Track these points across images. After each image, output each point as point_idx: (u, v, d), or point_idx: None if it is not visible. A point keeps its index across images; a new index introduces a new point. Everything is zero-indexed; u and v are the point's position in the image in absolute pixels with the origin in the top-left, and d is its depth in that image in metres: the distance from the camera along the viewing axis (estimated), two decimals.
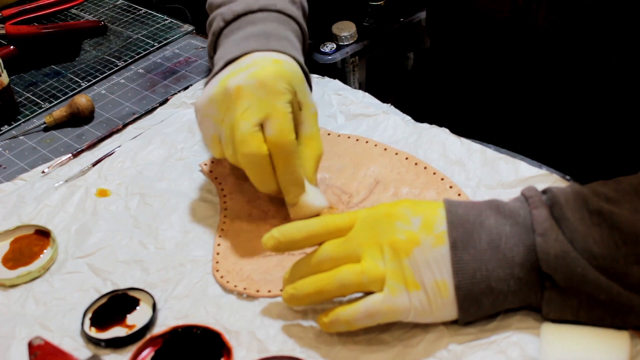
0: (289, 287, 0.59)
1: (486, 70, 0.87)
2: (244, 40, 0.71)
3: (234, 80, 0.66)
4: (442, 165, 0.73)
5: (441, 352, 0.56)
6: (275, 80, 0.65)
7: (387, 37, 1.62)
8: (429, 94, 1.00)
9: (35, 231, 0.71)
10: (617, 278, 0.54)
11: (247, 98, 0.65)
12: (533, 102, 0.85)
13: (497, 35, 0.83)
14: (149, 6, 1.15)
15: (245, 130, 0.64)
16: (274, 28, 0.73)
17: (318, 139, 0.69)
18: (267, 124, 0.64)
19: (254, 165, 0.65)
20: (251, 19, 0.74)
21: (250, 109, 0.64)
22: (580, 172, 0.71)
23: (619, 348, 0.54)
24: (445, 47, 0.94)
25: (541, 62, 0.81)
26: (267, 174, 0.65)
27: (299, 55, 0.72)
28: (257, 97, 0.65)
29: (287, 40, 0.72)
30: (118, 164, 0.79)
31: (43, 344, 0.59)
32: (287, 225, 0.60)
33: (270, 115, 0.64)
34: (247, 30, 0.73)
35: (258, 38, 0.71)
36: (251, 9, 0.74)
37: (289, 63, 0.68)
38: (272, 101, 0.65)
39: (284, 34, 0.73)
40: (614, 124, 0.82)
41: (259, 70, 0.66)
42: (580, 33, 0.76)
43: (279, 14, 0.75)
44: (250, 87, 0.65)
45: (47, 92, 0.96)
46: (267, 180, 0.66)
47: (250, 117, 0.64)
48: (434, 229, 0.57)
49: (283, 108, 0.65)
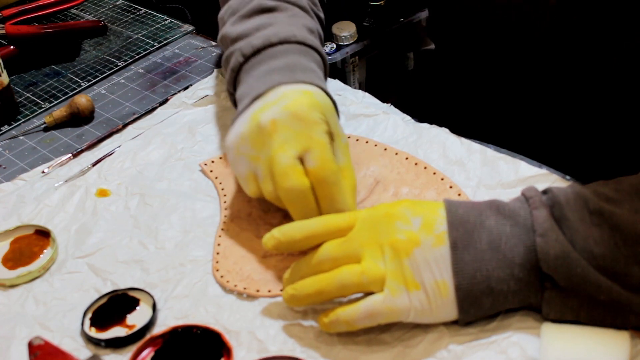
0: (289, 288, 0.59)
1: (487, 71, 0.88)
2: (268, 75, 0.69)
3: (267, 114, 0.64)
4: (442, 165, 0.73)
5: (441, 353, 0.56)
6: (309, 111, 0.64)
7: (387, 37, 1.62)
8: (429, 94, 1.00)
9: (35, 231, 0.71)
10: (618, 278, 0.54)
11: (283, 131, 0.63)
12: (533, 102, 0.85)
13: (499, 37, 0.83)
14: (149, 6, 1.15)
15: (285, 164, 0.62)
16: (297, 60, 0.71)
17: (351, 169, 0.67)
18: (307, 156, 0.62)
19: (296, 200, 0.62)
20: (272, 53, 0.71)
21: (288, 142, 0.62)
22: (580, 172, 0.71)
23: (619, 348, 0.54)
24: (446, 47, 0.95)
25: (543, 63, 0.81)
26: (311, 207, 0.63)
27: (324, 85, 0.70)
28: (294, 129, 0.63)
29: (312, 71, 0.71)
30: (118, 164, 0.79)
31: (43, 344, 0.59)
32: (288, 225, 0.60)
33: (310, 147, 0.62)
34: (270, 64, 0.70)
35: (282, 71, 0.69)
36: (271, 42, 0.72)
37: (319, 93, 0.67)
38: (309, 133, 0.63)
39: (308, 66, 0.71)
40: (614, 124, 0.82)
41: (291, 102, 0.64)
42: (584, 35, 0.76)
43: (299, 45, 0.72)
44: (285, 120, 0.63)
45: (47, 92, 0.96)
46: (310, 214, 0.63)
47: (288, 150, 0.62)
48: (434, 229, 0.57)
49: (321, 139, 0.63)
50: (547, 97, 0.84)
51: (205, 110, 0.86)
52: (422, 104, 0.97)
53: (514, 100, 0.87)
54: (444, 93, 0.97)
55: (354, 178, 0.67)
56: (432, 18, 0.98)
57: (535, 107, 0.85)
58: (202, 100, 0.88)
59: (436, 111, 0.92)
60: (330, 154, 0.63)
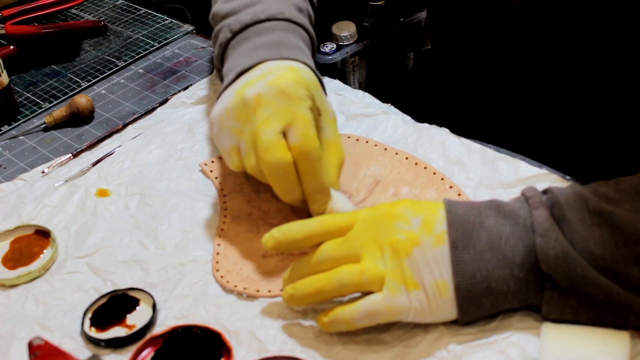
0: (289, 287, 0.59)
1: (487, 71, 0.87)
2: (254, 50, 0.70)
3: (252, 89, 0.65)
4: (442, 165, 0.73)
5: (441, 352, 0.56)
6: (294, 87, 0.64)
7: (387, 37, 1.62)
8: (429, 94, 1.00)
9: (35, 231, 0.71)
10: (618, 278, 0.54)
11: (267, 106, 0.64)
12: (533, 102, 0.85)
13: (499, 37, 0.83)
14: (149, 6, 1.15)
15: (268, 138, 0.62)
16: (284, 37, 0.72)
17: (339, 144, 0.67)
18: (290, 132, 0.63)
19: (278, 174, 0.63)
20: (259, 29, 0.72)
21: (272, 117, 0.63)
22: (580, 172, 0.71)
23: (619, 348, 0.54)
24: (445, 47, 0.94)
25: (543, 63, 0.81)
26: (293, 182, 0.63)
27: (311, 62, 0.71)
28: (278, 104, 0.64)
29: (298, 48, 0.71)
30: (118, 164, 0.79)
31: (43, 344, 0.59)
32: (287, 225, 0.60)
33: (293, 123, 0.63)
34: (257, 40, 0.71)
35: (269, 47, 0.70)
36: (259, 18, 0.73)
37: (304, 70, 0.67)
38: (293, 108, 0.63)
39: (295, 42, 0.72)
40: (614, 124, 0.82)
41: (276, 78, 0.65)
42: (583, 36, 0.76)
43: (287, 22, 0.73)
44: (270, 95, 0.64)
45: (47, 92, 0.96)
46: (292, 188, 0.64)
47: (272, 125, 0.63)
48: (434, 229, 0.57)
49: (305, 114, 0.64)
50: (547, 97, 0.83)
51: (205, 109, 0.86)
52: (422, 104, 0.97)
53: (513, 100, 0.87)
54: (444, 93, 0.97)
55: (341, 153, 0.67)
56: (430, 18, 0.98)
57: (535, 107, 0.85)
58: (202, 100, 0.88)
59: (436, 111, 0.92)
60: (313, 129, 0.64)
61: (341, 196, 0.66)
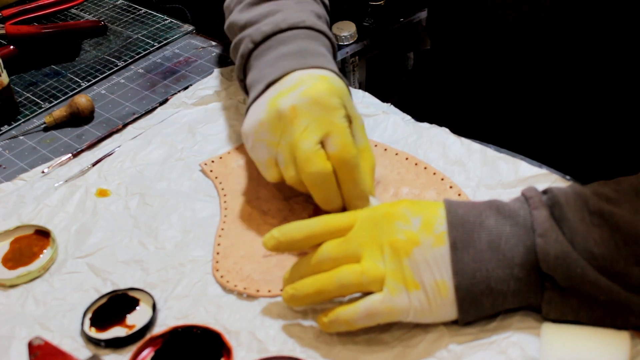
0: (289, 287, 0.59)
1: (487, 70, 0.87)
2: (279, 60, 0.70)
3: (286, 100, 0.65)
4: (442, 165, 0.73)
5: (441, 352, 0.56)
6: (328, 96, 0.65)
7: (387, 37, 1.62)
8: (429, 94, 1.00)
9: (35, 231, 0.71)
10: (618, 279, 0.54)
11: (304, 117, 0.64)
12: (533, 102, 0.85)
13: (499, 37, 0.83)
14: (149, 6, 1.15)
15: (308, 149, 0.63)
16: (308, 45, 0.71)
17: (370, 149, 0.68)
18: (329, 141, 0.63)
19: (320, 184, 0.63)
20: (282, 38, 0.72)
21: (310, 128, 0.63)
22: (580, 172, 0.71)
23: (619, 348, 0.54)
24: (446, 47, 0.94)
25: (543, 63, 0.81)
26: (334, 191, 0.64)
27: (336, 69, 0.71)
28: (314, 115, 0.64)
29: (323, 55, 0.71)
30: (118, 164, 0.79)
31: (43, 344, 0.59)
32: (287, 226, 0.60)
33: (331, 132, 0.63)
34: (281, 50, 0.71)
35: (295, 56, 0.69)
36: (280, 28, 0.72)
37: (334, 78, 0.67)
38: (329, 118, 0.64)
39: (319, 50, 0.71)
40: (614, 124, 0.82)
41: (310, 88, 0.65)
42: (583, 35, 0.76)
43: (309, 30, 0.73)
44: (305, 105, 0.64)
45: (47, 92, 0.96)
46: (333, 197, 0.64)
47: (310, 136, 0.63)
48: (433, 229, 0.57)
49: (341, 123, 0.64)
50: (546, 97, 0.83)
51: (205, 109, 0.86)
52: (422, 104, 0.97)
53: (513, 100, 0.87)
54: (443, 93, 0.97)
55: (373, 159, 0.68)
56: (431, 18, 0.98)
57: (535, 107, 0.85)
58: (202, 100, 0.88)
59: (436, 111, 0.92)
60: (350, 138, 0.64)
61: (377, 202, 0.67)
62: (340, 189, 0.64)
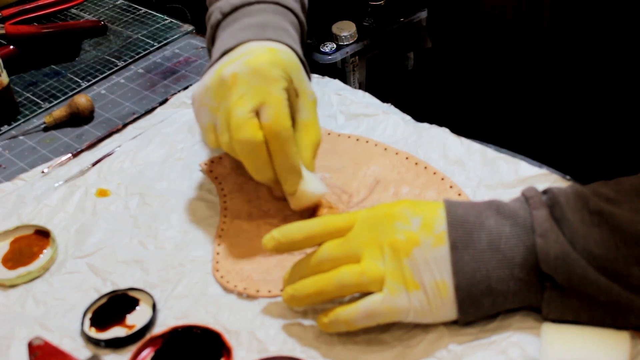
0: (289, 288, 0.59)
1: (487, 70, 0.87)
2: (240, 31, 0.71)
3: (229, 68, 0.66)
4: (442, 165, 0.73)
5: (441, 353, 0.56)
6: (269, 67, 0.65)
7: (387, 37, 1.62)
8: (429, 94, 1.00)
9: (35, 231, 0.71)
10: (618, 279, 0.54)
11: (241, 85, 0.65)
12: (534, 102, 0.85)
13: (499, 36, 0.83)
14: (149, 6, 1.15)
15: (240, 117, 0.64)
16: (271, 19, 0.73)
17: (315, 125, 0.68)
18: (262, 111, 0.64)
19: (249, 152, 0.64)
20: (248, 11, 0.74)
21: (245, 96, 0.64)
22: (580, 172, 0.71)
23: (619, 348, 0.54)
24: (446, 47, 0.94)
25: (543, 62, 0.81)
26: (263, 161, 0.65)
27: (295, 44, 0.72)
28: (252, 84, 0.65)
29: (284, 30, 0.72)
30: (118, 164, 0.79)
31: (43, 344, 0.59)
32: (287, 226, 0.60)
33: (265, 102, 0.64)
34: (244, 22, 0.73)
35: (254, 28, 0.71)
36: (249, 1, 0.74)
37: (283, 51, 0.68)
38: (266, 88, 0.64)
39: (281, 25, 0.73)
40: (614, 125, 0.82)
41: (253, 57, 0.66)
42: (583, 35, 0.76)
43: (276, 5, 0.74)
44: (245, 74, 0.65)
45: (47, 92, 0.96)
46: (262, 167, 0.65)
47: (245, 104, 0.64)
48: (433, 229, 0.57)
49: (278, 94, 0.65)
50: (546, 97, 0.83)
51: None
52: (422, 104, 0.97)
53: (513, 100, 0.87)
54: (444, 93, 0.97)
55: (317, 135, 0.68)
56: (431, 18, 0.98)
57: (535, 107, 0.85)
58: None
59: (436, 111, 0.92)
60: (285, 110, 0.64)
61: (314, 177, 0.67)
62: (272, 161, 0.65)
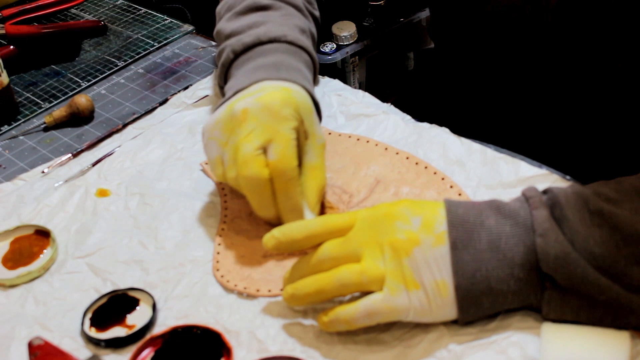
0: (289, 287, 0.59)
1: (488, 70, 0.87)
2: (254, 71, 0.71)
3: (241, 104, 0.66)
4: (442, 165, 0.73)
5: (441, 352, 0.56)
6: (281, 105, 0.65)
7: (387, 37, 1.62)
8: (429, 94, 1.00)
9: (35, 231, 0.71)
10: (618, 279, 0.54)
11: (251, 121, 0.65)
12: (534, 102, 0.85)
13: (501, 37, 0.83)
14: (149, 6, 1.15)
15: (247, 153, 0.64)
16: (285, 59, 0.73)
17: (321, 170, 0.68)
18: (270, 149, 0.64)
19: (254, 189, 0.64)
20: (261, 51, 0.74)
21: (254, 132, 0.64)
22: (580, 172, 0.71)
23: (619, 348, 0.54)
24: (446, 47, 0.94)
25: (544, 63, 0.81)
26: (267, 198, 0.65)
27: (309, 85, 0.72)
28: (262, 120, 0.65)
29: (298, 70, 0.72)
30: (118, 164, 0.79)
31: (43, 344, 0.59)
32: (288, 225, 0.60)
33: (273, 140, 0.64)
34: (258, 62, 0.72)
35: (268, 68, 0.71)
36: (261, 40, 0.74)
37: (297, 91, 0.68)
38: (276, 126, 0.64)
39: (295, 65, 0.73)
40: (614, 125, 0.82)
41: (265, 95, 0.66)
42: (586, 36, 0.76)
43: (289, 45, 0.74)
44: (256, 110, 0.65)
45: (47, 92, 0.96)
46: (266, 204, 0.65)
47: (253, 140, 0.64)
48: (434, 229, 0.57)
49: (287, 134, 0.65)
50: (547, 97, 0.83)
51: (205, 110, 0.86)
52: (422, 104, 0.97)
53: (514, 100, 0.87)
54: (444, 93, 0.97)
55: (323, 179, 0.68)
56: (433, 18, 0.98)
57: (535, 108, 0.85)
58: (202, 101, 0.88)
59: (436, 111, 0.92)
60: (292, 150, 0.64)
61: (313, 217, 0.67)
62: (276, 199, 0.65)
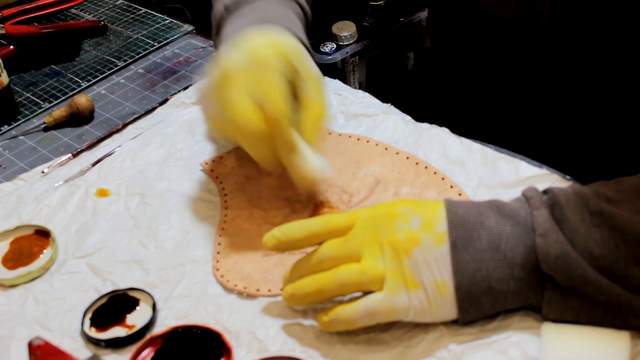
0: (289, 287, 0.59)
1: (487, 70, 0.87)
2: (243, 23, 0.73)
3: (229, 59, 0.67)
4: (443, 165, 0.73)
5: (441, 352, 0.56)
6: (265, 52, 0.66)
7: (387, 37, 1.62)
8: (429, 94, 1.00)
9: (35, 231, 0.71)
10: (618, 279, 0.54)
11: (241, 75, 0.66)
12: (534, 102, 0.85)
13: (499, 36, 0.83)
14: (149, 6, 1.15)
15: (238, 104, 0.64)
16: (273, 7, 0.75)
17: (319, 103, 0.68)
18: (262, 99, 0.65)
19: (249, 137, 0.65)
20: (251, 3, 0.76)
21: (242, 85, 0.65)
22: (580, 172, 0.71)
23: (619, 348, 0.54)
24: (446, 47, 0.94)
25: (543, 62, 0.81)
26: (265, 147, 0.65)
27: (297, 30, 0.73)
28: (249, 70, 0.65)
29: (286, 17, 0.74)
30: (118, 164, 0.79)
31: (43, 344, 0.59)
32: (288, 225, 0.60)
33: (261, 89, 0.65)
34: (247, 13, 0.75)
35: (257, 19, 0.73)
36: None
37: (282, 34, 0.69)
38: (265, 76, 0.65)
39: (283, 13, 0.75)
40: (614, 125, 0.82)
41: (251, 46, 0.67)
42: (583, 35, 0.76)
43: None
44: (244, 63, 0.66)
45: (47, 92, 0.96)
46: (265, 153, 0.66)
47: (244, 94, 0.65)
48: (434, 229, 0.57)
49: (272, 80, 0.65)
50: (546, 97, 0.83)
51: None
52: (422, 104, 0.97)
53: (513, 100, 0.87)
54: (444, 93, 0.97)
55: (321, 111, 0.68)
56: (431, 18, 0.98)
57: (535, 108, 0.85)
58: None
59: (436, 111, 0.92)
60: (279, 93, 0.65)
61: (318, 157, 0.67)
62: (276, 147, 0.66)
